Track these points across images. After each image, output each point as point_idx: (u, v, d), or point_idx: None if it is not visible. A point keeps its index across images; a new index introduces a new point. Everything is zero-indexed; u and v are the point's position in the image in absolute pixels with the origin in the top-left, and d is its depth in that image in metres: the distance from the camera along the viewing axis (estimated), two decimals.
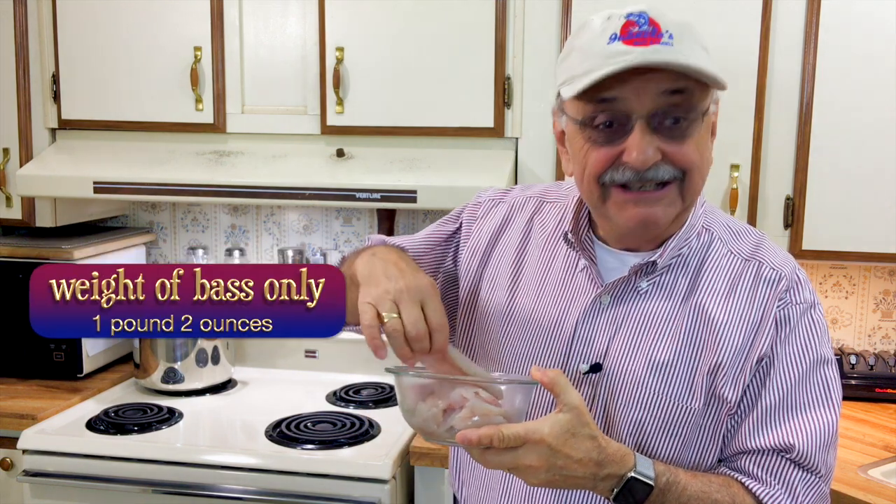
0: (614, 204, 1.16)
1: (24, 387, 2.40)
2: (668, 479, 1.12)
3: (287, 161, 2.31)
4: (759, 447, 1.18)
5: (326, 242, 2.76)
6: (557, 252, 1.31)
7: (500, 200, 1.41)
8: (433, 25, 2.24)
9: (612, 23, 1.12)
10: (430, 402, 1.08)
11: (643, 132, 1.11)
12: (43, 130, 2.48)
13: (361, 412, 2.26)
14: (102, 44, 2.40)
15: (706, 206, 1.28)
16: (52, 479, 2.06)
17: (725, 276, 1.22)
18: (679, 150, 1.13)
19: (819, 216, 2.14)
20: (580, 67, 1.12)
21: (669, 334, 1.19)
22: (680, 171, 1.14)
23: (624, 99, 1.11)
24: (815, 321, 1.21)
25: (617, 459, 1.09)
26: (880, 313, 2.50)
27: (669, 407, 1.18)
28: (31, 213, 2.48)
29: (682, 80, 1.10)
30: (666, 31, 1.10)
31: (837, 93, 2.10)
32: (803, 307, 1.20)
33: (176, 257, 2.87)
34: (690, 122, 1.13)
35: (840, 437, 2.03)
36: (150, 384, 2.43)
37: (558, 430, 1.04)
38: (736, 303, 1.19)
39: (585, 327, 1.23)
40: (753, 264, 1.22)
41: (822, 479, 1.19)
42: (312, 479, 1.96)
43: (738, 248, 1.24)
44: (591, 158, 1.15)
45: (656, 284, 1.22)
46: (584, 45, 1.13)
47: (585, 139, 1.16)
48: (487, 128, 2.25)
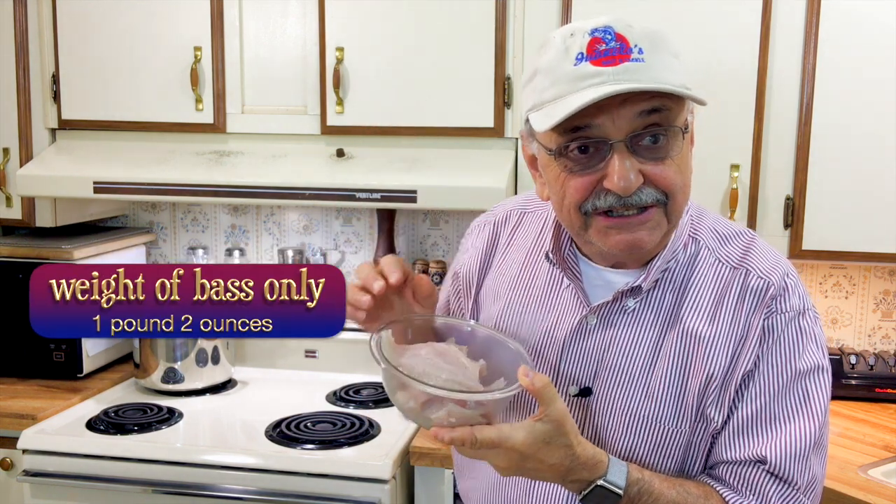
0: (597, 231, 1.13)
1: (24, 387, 2.40)
2: (641, 488, 1.11)
3: (287, 161, 2.31)
4: (735, 458, 1.16)
5: (326, 242, 2.76)
6: (540, 267, 1.28)
7: (486, 222, 1.39)
8: (433, 25, 2.24)
9: (576, 40, 1.06)
10: (407, 395, 1.07)
11: (623, 157, 1.07)
12: (43, 130, 2.48)
13: (361, 412, 2.26)
14: (102, 44, 2.40)
15: (692, 211, 1.24)
16: (52, 479, 2.06)
17: (712, 289, 1.18)
18: (661, 173, 1.09)
19: (819, 216, 2.14)
20: (549, 93, 1.07)
21: (659, 359, 1.17)
22: (663, 193, 1.10)
23: (600, 125, 1.06)
24: (803, 329, 1.17)
25: (589, 465, 1.08)
26: (880, 313, 2.50)
27: (660, 432, 1.17)
28: (31, 213, 2.48)
29: (657, 99, 1.06)
30: (635, 46, 1.05)
31: (837, 93, 2.10)
32: (790, 315, 1.16)
33: (176, 257, 2.87)
34: (669, 139, 1.09)
35: (840, 437, 2.05)
36: (150, 384, 2.43)
37: (532, 439, 1.04)
38: (722, 319, 1.17)
39: (574, 349, 1.22)
40: (741, 273, 1.18)
41: (800, 492, 1.15)
42: (312, 479, 1.96)
43: (726, 255, 1.21)
44: (569, 188, 1.11)
45: (644, 301, 1.19)
46: (548, 67, 1.08)
47: (562, 168, 1.11)
48: (487, 128, 2.25)
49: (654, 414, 1.17)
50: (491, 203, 2.12)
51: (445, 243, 2.70)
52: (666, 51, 1.08)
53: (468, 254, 1.39)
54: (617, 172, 1.07)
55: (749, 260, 1.19)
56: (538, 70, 1.10)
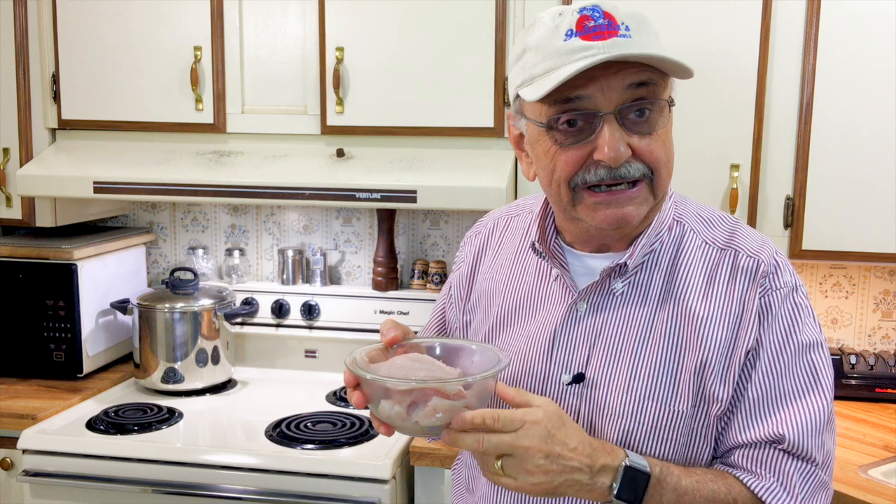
0: (585, 207, 1.15)
1: (24, 387, 2.40)
2: (662, 469, 1.11)
3: (287, 161, 2.31)
4: (750, 440, 1.16)
5: (326, 242, 2.76)
6: (528, 264, 1.30)
7: (477, 232, 1.42)
8: (433, 25, 2.24)
9: (564, 18, 1.10)
10: (391, 402, 1.06)
11: (613, 128, 1.10)
12: (43, 130, 2.48)
13: (361, 412, 2.26)
14: (102, 44, 2.40)
15: (675, 197, 1.26)
16: (52, 478, 2.06)
17: (702, 268, 1.19)
18: (647, 147, 1.12)
19: (819, 216, 2.14)
20: (539, 67, 1.10)
21: (651, 338, 1.18)
22: (649, 168, 1.13)
23: (590, 97, 1.09)
24: (798, 304, 1.18)
25: (608, 450, 1.09)
26: (880, 313, 2.50)
27: (657, 412, 1.16)
28: (31, 213, 2.48)
29: (646, 72, 1.09)
30: (622, 24, 1.09)
31: (838, 93, 2.10)
32: (784, 291, 1.17)
33: (176, 257, 2.87)
34: (656, 113, 1.12)
35: (840, 437, 2.05)
36: (150, 384, 2.43)
37: (552, 413, 1.05)
38: (716, 297, 1.17)
39: (564, 337, 1.22)
40: (730, 253, 1.20)
41: (818, 468, 1.16)
42: (312, 479, 1.96)
43: (712, 237, 1.22)
44: (559, 161, 1.14)
45: (631, 284, 1.20)
46: (538, 44, 1.11)
47: (552, 141, 1.13)
48: (487, 128, 2.25)
49: (649, 393, 1.16)
50: (491, 203, 2.14)
51: (445, 243, 2.70)
52: (651, 31, 1.12)
53: (459, 267, 1.42)
54: (608, 143, 1.09)
55: (736, 241, 1.21)
56: (527, 47, 1.13)
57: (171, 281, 2.47)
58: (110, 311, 2.56)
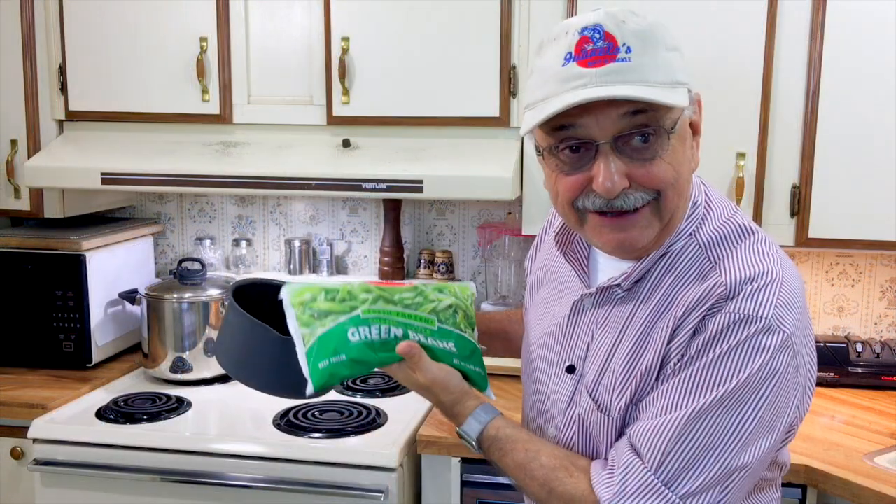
0: (591, 228, 1.15)
1: (33, 376, 2.42)
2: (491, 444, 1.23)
3: (293, 151, 2.32)
4: None
5: (333, 232, 2.77)
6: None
7: (546, 219, 1.49)
8: (438, 15, 2.24)
9: (567, 39, 1.07)
10: None
11: (608, 159, 1.07)
12: (50, 122, 2.48)
13: (368, 401, 2.27)
14: (109, 35, 2.41)
15: (700, 209, 1.19)
16: (62, 467, 2.08)
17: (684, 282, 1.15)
18: (648, 173, 1.08)
19: (825, 204, 2.14)
20: (539, 92, 1.09)
21: (646, 337, 1.16)
22: (653, 192, 1.10)
23: (585, 126, 1.07)
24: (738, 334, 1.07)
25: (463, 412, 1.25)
26: (886, 301, 2.50)
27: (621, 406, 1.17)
28: (39, 205, 2.50)
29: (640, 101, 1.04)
30: (623, 45, 1.04)
31: (844, 81, 2.09)
32: (732, 317, 1.08)
33: (183, 248, 2.88)
34: (658, 139, 1.08)
35: (846, 424, 2.05)
36: (159, 373, 2.44)
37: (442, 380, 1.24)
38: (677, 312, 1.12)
39: (570, 327, 1.26)
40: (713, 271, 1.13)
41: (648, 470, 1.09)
42: (320, 468, 1.97)
43: (713, 254, 1.15)
44: (560, 186, 1.13)
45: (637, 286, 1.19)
46: (542, 66, 1.10)
47: (553, 167, 1.13)
48: (493, 117, 2.25)
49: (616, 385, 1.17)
50: (497, 193, 2.15)
51: (451, 233, 2.71)
52: (658, 47, 1.07)
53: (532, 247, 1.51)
54: (602, 174, 1.08)
55: (725, 261, 1.14)
56: (534, 69, 1.13)
57: (179, 271, 2.48)
58: (119, 302, 2.57)
